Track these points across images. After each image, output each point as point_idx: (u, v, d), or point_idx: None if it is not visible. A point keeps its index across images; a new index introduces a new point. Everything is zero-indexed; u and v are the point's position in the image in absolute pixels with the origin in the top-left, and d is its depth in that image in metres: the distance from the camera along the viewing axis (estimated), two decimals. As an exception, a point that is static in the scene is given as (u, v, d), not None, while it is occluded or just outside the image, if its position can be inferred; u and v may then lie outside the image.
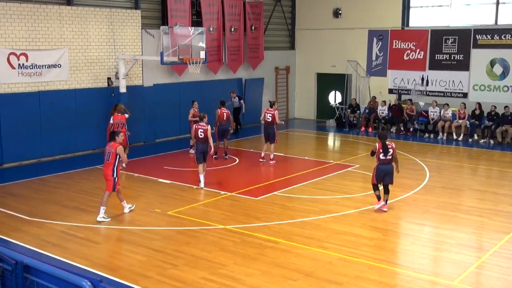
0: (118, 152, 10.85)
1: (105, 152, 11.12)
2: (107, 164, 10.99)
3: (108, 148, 11.03)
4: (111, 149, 10.94)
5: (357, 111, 23.18)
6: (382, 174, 11.40)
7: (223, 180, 14.51)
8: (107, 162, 10.99)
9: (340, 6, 24.34)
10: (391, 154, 11.34)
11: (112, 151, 10.89)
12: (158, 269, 8.56)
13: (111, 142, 11.06)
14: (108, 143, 11.21)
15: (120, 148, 10.92)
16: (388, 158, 11.35)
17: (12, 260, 5.31)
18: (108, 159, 10.95)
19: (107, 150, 11.05)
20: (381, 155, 11.32)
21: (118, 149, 10.86)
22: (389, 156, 11.33)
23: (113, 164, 10.89)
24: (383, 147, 11.30)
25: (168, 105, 19.66)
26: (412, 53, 22.66)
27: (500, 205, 12.12)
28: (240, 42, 22.58)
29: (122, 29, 18.15)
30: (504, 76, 20.69)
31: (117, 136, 11.09)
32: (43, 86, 16.26)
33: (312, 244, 9.65)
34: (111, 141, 11.09)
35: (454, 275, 8.43)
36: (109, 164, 10.93)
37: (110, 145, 11.01)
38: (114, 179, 10.94)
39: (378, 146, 11.41)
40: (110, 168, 10.90)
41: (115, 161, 10.88)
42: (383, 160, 11.35)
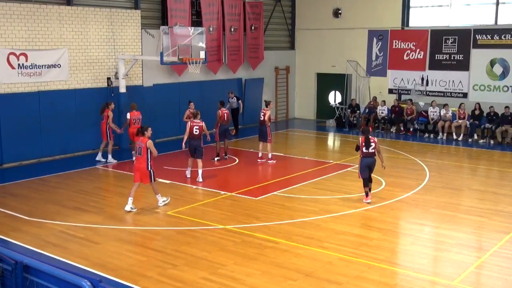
0: (148, 146, 11.33)
1: (135, 147, 11.72)
2: (139, 159, 11.54)
3: (139, 143, 11.55)
4: (141, 144, 11.47)
5: (357, 111, 23.18)
6: (367, 167, 11.98)
7: (223, 180, 14.51)
8: (139, 156, 11.53)
9: (340, 6, 24.34)
10: (373, 148, 11.94)
11: (143, 145, 11.41)
12: (158, 269, 8.55)
13: (140, 137, 11.57)
14: (136, 138, 11.81)
15: (150, 142, 11.41)
16: (371, 152, 11.94)
17: (12, 260, 5.31)
18: (140, 154, 11.49)
19: (137, 145, 11.59)
20: (364, 149, 11.91)
21: (148, 144, 11.34)
22: (372, 150, 11.93)
23: (146, 158, 11.42)
24: (366, 141, 11.90)
25: (168, 105, 19.66)
26: (412, 53, 22.66)
27: (500, 205, 12.12)
28: (240, 42, 22.58)
29: (122, 29, 18.15)
30: (504, 76, 20.69)
31: (146, 131, 11.58)
32: (43, 86, 16.26)
33: (312, 244, 9.65)
34: (140, 136, 11.58)
35: (454, 275, 8.43)
36: (142, 158, 11.46)
37: (140, 140, 11.53)
38: (150, 172, 11.47)
39: (361, 140, 11.98)
40: (144, 162, 11.43)
41: (147, 155, 11.39)
42: (366, 153, 11.93)
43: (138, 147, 11.55)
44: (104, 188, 13.49)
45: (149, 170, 11.44)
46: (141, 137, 11.56)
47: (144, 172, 11.47)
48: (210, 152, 16.78)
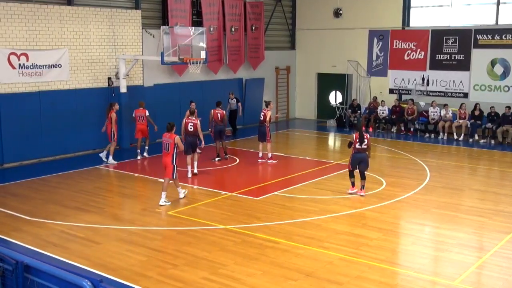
0: (176, 142, 11.82)
1: (163, 143, 12.06)
2: (166, 154, 11.97)
3: (166, 139, 11.99)
4: (169, 140, 11.93)
5: (357, 111, 23.18)
6: (358, 162, 12.57)
7: (224, 180, 14.51)
8: (166, 152, 11.96)
9: (340, 6, 24.34)
10: (366, 144, 12.48)
11: (170, 141, 11.88)
12: (159, 269, 8.56)
13: (168, 134, 12.03)
14: (164, 134, 12.13)
15: (177, 138, 11.91)
16: (364, 147, 12.51)
17: (13, 260, 5.31)
18: (167, 149, 11.92)
19: (165, 141, 12.01)
20: (357, 144, 12.45)
21: (176, 139, 11.84)
22: (364, 146, 12.49)
23: (172, 153, 11.88)
24: (360, 137, 12.46)
25: (168, 105, 19.65)
26: (413, 53, 22.66)
27: (500, 205, 12.11)
28: (241, 42, 22.58)
29: (123, 29, 18.15)
30: (505, 76, 20.68)
31: (174, 127, 12.12)
32: (44, 86, 16.26)
33: (312, 244, 9.65)
34: (167, 133, 12.04)
35: (454, 275, 8.42)
36: (168, 153, 11.90)
37: (167, 136, 11.99)
38: (174, 167, 11.90)
39: (355, 136, 12.51)
40: (170, 157, 11.88)
41: (174, 150, 11.85)
42: (359, 149, 12.50)
43: (166, 143, 11.97)
44: (105, 188, 13.49)
45: (173, 164, 11.88)
46: (168, 133, 12.03)
47: (169, 166, 11.90)
48: (211, 153, 16.79)
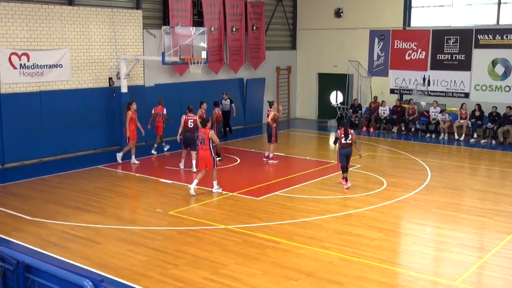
0: (210, 136, 12.61)
1: (199, 138, 12.89)
2: (203, 148, 12.77)
3: (202, 135, 12.77)
4: (204, 135, 12.70)
5: (358, 111, 23.17)
6: (345, 156, 13.32)
7: (225, 180, 14.51)
8: (202, 146, 12.75)
9: (341, 6, 24.34)
10: (350, 139, 13.27)
11: (205, 136, 12.64)
12: (159, 269, 8.56)
13: (203, 129, 12.88)
14: (199, 130, 13.13)
15: (212, 132, 12.78)
16: (349, 142, 13.27)
17: (14, 260, 5.32)
18: (204, 144, 12.70)
19: (201, 136, 12.80)
20: (343, 140, 13.19)
21: (210, 134, 12.63)
22: (349, 140, 13.26)
23: (209, 147, 12.66)
24: (345, 132, 13.18)
25: (169, 105, 19.58)
26: (414, 53, 22.65)
27: (501, 205, 12.10)
28: (242, 42, 22.58)
29: (124, 29, 18.16)
30: (506, 76, 20.67)
31: (208, 123, 12.98)
32: (45, 86, 16.27)
33: (313, 244, 9.65)
34: (202, 128, 12.95)
35: (455, 275, 8.42)
36: (205, 148, 12.70)
37: (202, 132, 12.79)
38: (213, 158, 12.74)
39: (340, 132, 13.28)
40: (207, 150, 12.66)
41: (209, 144, 12.61)
42: (344, 144, 13.24)
43: (201, 138, 12.75)
44: (106, 188, 13.50)
45: (212, 156, 12.67)
46: (203, 128, 12.88)
47: (209, 159, 12.67)
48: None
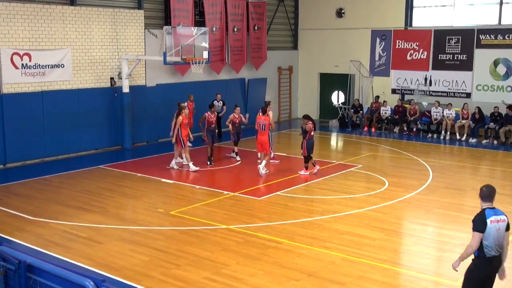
0: (271, 122, 14.51)
1: (259, 124, 14.57)
2: (262, 133, 14.48)
3: (262, 121, 14.54)
4: (265, 122, 14.49)
5: (360, 111, 23.16)
6: (312, 147, 14.72)
7: (226, 180, 14.51)
8: (262, 131, 14.49)
9: (343, 6, 24.33)
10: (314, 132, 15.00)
11: (266, 123, 14.44)
12: (161, 269, 8.56)
13: (263, 116, 14.61)
14: (258, 116, 14.78)
15: (271, 119, 14.74)
16: (314, 134, 14.88)
17: (15, 260, 5.31)
18: (264, 129, 14.46)
19: (261, 122, 14.54)
20: (312, 132, 14.63)
21: (271, 120, 14.52)
22: (313, 133, 14.84)
23: (268, 132, 14.45)
24: (314, 126, 14.83)
25: (171, 105, 19.59)
26: (415, 53, 22.64)
27: (503, 205, 12.02)
28: (243, 42, 22.58)
29: (125, 29, 18.17)
30: (508, 76, 20.65)
31: (267, 111, 14.74)
32: (46, 86, 16.29)
33: (314, 244, 9.65)
34: (262, 116, 14.63)
35: (457, 275, 8.39)
36: (264, 133, 14.45)
37: (263, 118, 14.56)
38: (270, 143, 14.65)
39: (311, 125, 14.61)
40: (266, 136, 14.45)
41: (269, 130, 14.46)
42: (312, 136, 14.70)
43: (262, 124, 14.39)
44: (107, 188, 13.51)
45: (269, 141, 14.57)
46: (263, 116, 14.55)
47: (266, 143, 14.43)
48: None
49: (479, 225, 6.25)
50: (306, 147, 14.57)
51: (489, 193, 6.42)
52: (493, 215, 6.29)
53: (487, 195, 6.42)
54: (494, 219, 6.26)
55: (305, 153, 14.64)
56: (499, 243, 6.30)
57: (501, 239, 6.31)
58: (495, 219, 6.27)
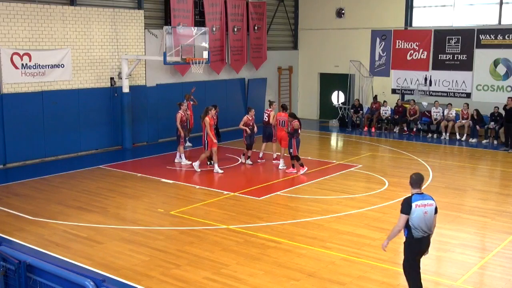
0: (289, 120, 14.71)
1: (279, 120, 15.44)
2: (281, 129, 15.30)
3: (282, 118, 15.38)
4: (284, 118, 15.24)
5: (360, 111, 23.16)
6: (300, 145, 14.84)
7: (226, 180, 14.51)
8: (281, 127, 15.32)
9: (343, 6, 24.34)
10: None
11: (285, 119, 15.07)
12: (161, 269, 8.57)
13: (283, 113, 15.56)
14: (278, 114, 15.72)
15: (272, 119, 15.63)
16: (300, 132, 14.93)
17: (15, 260, 5.32)
18: (283, 125, 15.25)
19: (281, 119, 15.37)
20: (299, 130, 14.70)
21: (289, 118, 14.80)
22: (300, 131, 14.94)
23: (287, 128, 14.85)
24: (300, 124, 14.76)
25: (171, 105, 19.62)
26: (415, 53, 22.64)
27: (503, 205, 12.09)
28: (243, 42, 22.59)
29: (125, 29, 18.18)
30: (508, 76, 20.65)
31: (287, 109, 15.92)
32: (46, 86, 16.29)
33: (314, 244, 9.65)
34: (282, 113, 15.56)
35: (457, 275, 8.42)
36: (283, 129, 15.20)
37: (283, 115, 15.43)
38: (290, 139, 14.80)
39: (298, 123, 14.61)
40: (285, 132, 14.99)
41: (288, 126, 14.82)
42: (299, 135, 14.76)
43: (281, 120, 15.28)
44: (107, 188, 13.51)
45: (289, 136, 14.86)
46: (283, 113, 15.46)
47: (285, 138, 14.96)
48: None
49: (405, 208, 6.87)
50: (296, 145, 14.65)
51: (417, 180, 6.98)
52: (420, 199, 6.88)
53: (415, 182, 6.98)
54: (421, 203, 6.86)
55: (295, 151, 14.68)
56: (427, 225, 6.90)
57: (429, 222, 6.90)
58: (422, 203, 6.86)
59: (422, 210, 6.84)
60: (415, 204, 6.83)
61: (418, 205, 6.84)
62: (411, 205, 6.84)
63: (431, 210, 6.92)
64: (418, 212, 6.83)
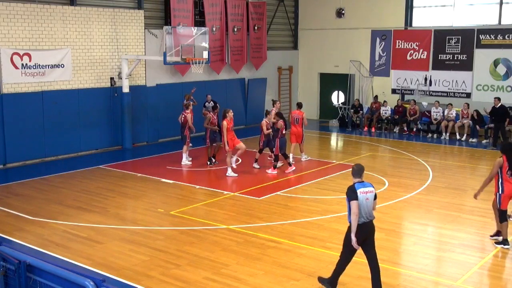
0: (304, 117, 15.80)
1: (294, 117, 16.01)
2: (296, 126, 15.90)
3: (296, 115, 15.99)
4: (299, 115, 15.90)
5: (360, 111, 23.16)
6: (284, 145, 14.90)
7: (226, 180, 14.51)
8: (296, 124, 15.90)
9: (343, 6, 24.33)
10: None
11: (300, 117, 15.85)
12: (161, 269, 8.56)
13: (297, 110, 16.12)
14: (293, 111, 16.31)
15: (304, 114, 16.02)
16: (285, 133, 15.07)
17: (15, 260, 5.32)
18: (297, 123, 15.88)
19: (296, 116, 15.98)
20: (284, 130, 14.82)
21: (304, 115, 15.88)
22: (285, 131, 15.09)
23: (302, 125, 15.82)
24: (285, 124, 14.94)
25: (171, 105, 19.67)
26: (415, 53, 22.64)
27: (503, 205, 12.07)
28: (243, 42, 22.59)
29: (125, 29, 18.18)
30: (508, 76, 20.65)
31: (301, 107, 16.35)
32: (46, 86, 16.29)
33: (314, 244, 9.65)
34: (297, 110, 16.12)
35: (457, 275, 8.42)
36: (298, 126, 15.86)
37: (297, 113, 16.04)
38: (303, 134, 16.00)
39: (282, 123, 14.76)
40: (300, 128, 15.84)
41: (302, 123, 15.74)
42: (284, 134, 14.86)
43: (296, 118, 15.86)
44: (107, 188, 13.51)
45: (303, 133, 15.85)
46: (297, 110, 16.07)
47: (300, 135, 15.81)
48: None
49: (352, 195, 7.31)
50: (280, 145, 14.75)
51: (358, 170, 7.52)
52: (362, 187, 7.38)
53: (356, 172, 7.52)
54: (363, 190, 7.36)
55: (277, 151, 14.79)
56: (368, 211, 7.42)
57: (369, 207, 7.42)
58: (363, 190, 7.37)
59: (364, 197, 7.34)
60: (359, 191, 7.30)
61: (361, 192, 7.32)
62: (356, 191, 7.29)
63: (371, 196, 7.43)
64: (361, 198, 7.30)
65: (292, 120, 16.10)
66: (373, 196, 7.47)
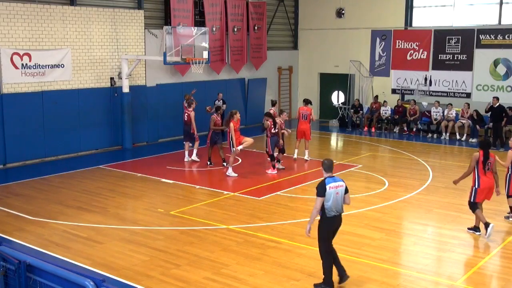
0: (312, 113, 16.05)
1: (302, 114, 16.16)
2: (304, 122, 16.07)
3: (304, 111, 16.11)
4: (307, 112, 16.11)
5: (360, 111, 23.16)
6: (276, 143, 14.83)
7: (226, 180, 14.51)
8: (304, 120, 16.08)
9: (343, 6, 24.33)
10: (277, 127, 14.95)
11: (308, 113, 16.07)
12: (161, 269, 8.56)
13: (305, 107, 16.25)
14: (301, 108, 16.39)
15: (312, 110, 16.31)
16: (276, 131, 14.81)
17: (15, 260, 5.32)
18: (305, 118, 16.09)
19: (304, 112, 16.18)
20: (273, 130, 14.71)
21: (312, 111, 16.13)
22: (276, 130, 14.82)
23: (309, 121, 16.06)
24: (274, 122, 14.76)
25: (171, 105, 19.68)
26: (415, 53, 22.63)
27: (503, 205, 12.07)
28: (243, 42, 22.59)
29: (125, 29, 18.17)
30: (508, 76, 20.64)
31: (310, 103, 16.55)
32: (46, 86, 16.29)
33: (314, 244, 9.57)
34: (304, 107, 16.25)
35: (457, 275, 8.42)
36: (306, 121, 16.08)
37: (305, 109, 16.19)
38: (310, 130, 16.24)
39: (270, 123, 14.71)
40: (308, 124, 16.11)
41: (310, 119, 16.05)
42: (274, 133, 14.79)
43: (304, 114, 16.07)
44: (107, 188, 13.51)
45: (310, 130, 16.14)
46: (305, 106, 16.18)
47: (309, 131, 16.07)
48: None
49: (320, 191, 7.55)
50: (271, 144, 14.73)
51: (329, 165, 7.73)
52: (332, 182, 7.62)
53: (327, 167, 7.72)
54: (333, 185, 7.60)
55: (270, 150, 14.77)
56: (338, 205, 7.68)
57: (340, 202, 7.68)
58: (334, 185, 7.61)
59: (334, 191, 7.59)
60: (329, 186, 7.54)
61: (331, 187, 7.56)
62: (325, 187, 7.53)
63: (342, 190, 7.68)
64: (331, 193, 7.56)
65: (300, 116, 16.17)
66: (343, 190, 7.70)
